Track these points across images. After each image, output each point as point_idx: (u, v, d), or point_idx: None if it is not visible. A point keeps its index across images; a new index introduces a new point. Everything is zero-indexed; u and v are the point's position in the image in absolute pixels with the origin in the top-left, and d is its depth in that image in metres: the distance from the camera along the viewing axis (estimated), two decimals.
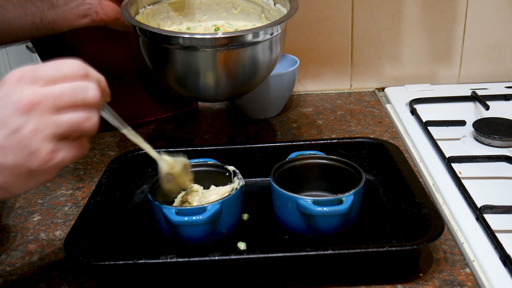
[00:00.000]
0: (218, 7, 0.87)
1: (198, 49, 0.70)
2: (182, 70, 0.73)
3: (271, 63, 0.77)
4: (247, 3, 0.86)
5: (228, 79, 0.74)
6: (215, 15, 0.88)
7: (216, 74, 0.73)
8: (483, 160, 0.78)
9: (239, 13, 0.87)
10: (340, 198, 0.63)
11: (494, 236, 0.62)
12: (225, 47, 0.70)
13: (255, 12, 0.86)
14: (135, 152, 0.80)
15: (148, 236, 0.68)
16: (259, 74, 0.76)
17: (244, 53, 0.72)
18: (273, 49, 0.75)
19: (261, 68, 0.75)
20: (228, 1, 0.87)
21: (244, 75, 0.74)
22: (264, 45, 0.73)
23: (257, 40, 0.71)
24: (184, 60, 0.72)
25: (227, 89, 0.76)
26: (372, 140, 0.80)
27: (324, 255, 0.56)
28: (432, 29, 1.08)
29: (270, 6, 0.83)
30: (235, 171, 0.71)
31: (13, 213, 0.76)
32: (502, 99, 1.00)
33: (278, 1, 0.82)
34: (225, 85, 0.75)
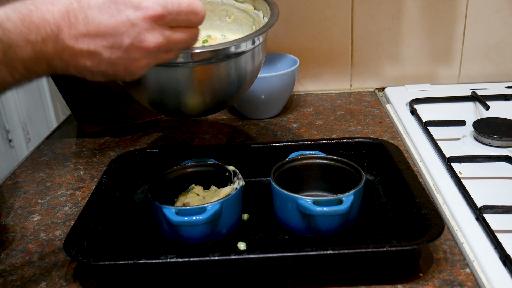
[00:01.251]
0: (212, 13, 0.85)
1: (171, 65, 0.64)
2: (154, 89, 0.67)
3: (247, 76, 0.71)
4: (240, 13, 0.83)
5: (205, 95, 0.69)
6: (209, 22, 0.85)
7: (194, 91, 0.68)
8: (483, 160, 0.78)
9: (232, 22, 0.84)
10: (340, 198, 0.63)
11: (494, 236, 0.62)
12: (201, 62, 0.65)
13: (247, 23, 0.83)
14: (135, 152, 0.80)
15: (148, 236, 0.68)
16: (239, 87, 0.71)
17: (221, 67, 0.67)
18: (255, 59, 0.71)
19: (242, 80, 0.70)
20: (222, 9, 0.84)
21: (222, 90, 0.69)
22: (244, 57, 0.68)
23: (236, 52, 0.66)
24: (155, 77, 0.66)
25: (204, 106, 0.71)
26: (372, 140, 0.80)
27: (324, 255, 0.56)
28: (432, 29, 1.08)
29: (259, 18, 0.79)
30: (235, 171, 0.71)
31: (13, 213, 0.76)
32: (502, 99, 1.00)
33: (265, 14, 0.77)
34: (202, 101, 0.70)
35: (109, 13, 0.50)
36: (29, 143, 2.28)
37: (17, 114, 2.24)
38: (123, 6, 0.51)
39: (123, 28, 0.51)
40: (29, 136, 2.29)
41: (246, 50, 0.68)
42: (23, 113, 2.25)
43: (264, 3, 0.77)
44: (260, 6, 0.79)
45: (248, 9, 0.82)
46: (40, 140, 1.01)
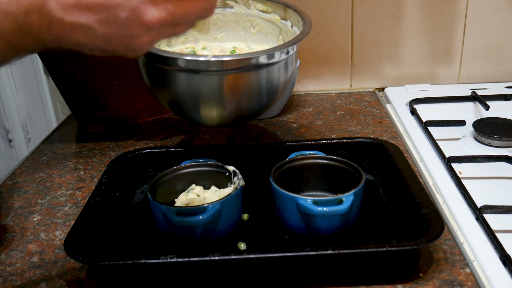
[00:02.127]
0: (236, 24, 0.83)
1: (198, 72, 0.65)
2: (180, 94, 0.68)
3: (278, 86, 0.71)
4: (266, 23, 0.82)
5: (233, 104, 0.69)
6: (232, 33, 0.84)
7: (222, 99, 0.68)
8: (483, 160, 0.78)
9: (257, 32, 0.83)
10: (340, 198, 0.63)
11: (494, 236, 0.62)
12: (232, 70, 0.65)
13: (273, 33, 0.82)
14: (135, 152, 0.80)
15: (148, 236, 0.68)
16: (266, 96, 0.71)
17: (251, 77, 0.66)
18: (280, 73, 0.70)
19: (269, 91, 0.70)
20: (247, 19, 0.83)
21: (252, 100, 0.69)
22: (270, 68, 0.68)
23: (268, 62, 0.66)
24: (180, 83, 0.67)
25: (228, 115, 0.71)
26: (372, 140, 0.80)
27: (324, 255, 0.56)
28: (432, 29, 1.08)
29: (287, 28, 0.79)
30: (235, 171, 0.71)
31: (13, 213, 0.76)
32: (502, 99, 1.00)
33: (294, 23, 0.77)
34: (230, 111, 0.69)
35: None
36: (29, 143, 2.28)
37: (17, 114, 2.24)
38: None
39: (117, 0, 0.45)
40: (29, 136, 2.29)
41: (279, 60, 0.68)
42: (23, 113, 2.25)
43: (294, 13, 0.76)
44: (289, 16, 0.78)
45: (274, 19, 0.81)
46: (40, 140, 1.01)
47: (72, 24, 0.45)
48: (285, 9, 0.79)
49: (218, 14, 0.83)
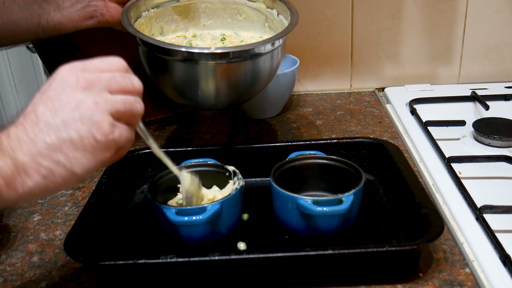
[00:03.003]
0: (223, 12, 0.87)
1: (197, 62, 0.70)
2: (181, 81, 0.73)
3: (271, 72, 0.77)
4: (252, 11, 0.85)
5: (227, 90, 0.74)
6: (220, 20, 0.87)
7: (216, 86, 0.73)
8: (483, 160, 0.78)
9: (243, 19, 0.86)
10: (340, 198, 0.63)
11: (494, 236, 0.62)
12: (226, 59, 0.70)
13: (259, 20, 0.85)
14: (135, 152, 0.80)
15: (148, 236, 0.68)
16: (260, 84, 0.77)
17: (244, 66, 0.72)
18: (274, 60, 0.76)
19: (262, 78, 0.76)
20: (233, 7, 0.86)
21: (244, 86, 0.75)
22: (265, 57, 0.73)
23: (257, 53, 0.71)
24: (183, 71, 0.72)
25: (226, 99, 0.76)
26: (372, 140, 0.80)
27: (324, 255, 0.57)
28: (432, 29, 1.08)
29: (273, 16, 0.83)
30: (235, 171, 0.71)
31: (13, 213, 0.76)
32: (502, 99, 1.00)
33: (280, 12, 0.81)
34: (225, 95, 0.75)
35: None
36: None
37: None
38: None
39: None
40: None
41: (269, 51, 0.73)
42: None
43: (282, 4, 0.80)
44: (276, 5, 0.82)
45: (260, 7, 0.84)
46: None
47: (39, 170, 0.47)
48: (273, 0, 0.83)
49: (206, 2, 0.87)
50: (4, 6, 0.75)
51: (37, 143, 0.47)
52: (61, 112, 0.47)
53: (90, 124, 0.48)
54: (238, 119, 1.02)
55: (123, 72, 0.52)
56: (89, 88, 0.49)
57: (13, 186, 0.46)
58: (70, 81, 0.49)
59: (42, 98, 0.49)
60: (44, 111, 0.48)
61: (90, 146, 0.48)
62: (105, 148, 0.49)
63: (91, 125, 0.48)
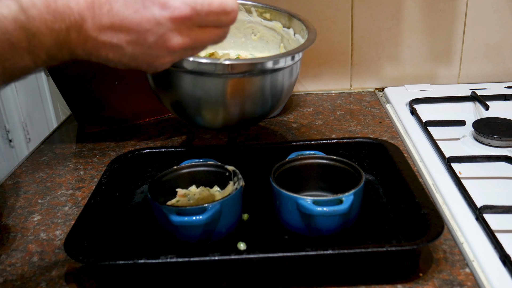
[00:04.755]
0: (237, 31, 0.84)
1: (207, 75, 0.65)
2: (187, 96, 0.68)
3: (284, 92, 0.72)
4: (267, 30, 0.82)
5: (234, 108, 0.69)
6: (233, 39, 0.85)
7: (224, 101, 0.68)
8: (483, 160, 0.78)
9: (258, 39, 0.83)
10: (340, 198, 0.63)
11: (494, 236, 0.62)
12: (240, 74, 0.65)
13: (274, 41, 0.82)
14: (135, 152, 0.80)
15: (148, 236, 0.68)
16: (272, 101, 0.71)
17: (254, 82, 0.67)
18: (290, 77, 0.71)
19: (276, 94, 0.70)
20: (248, 26, 0.83)
21: (253, 104, 0.69)
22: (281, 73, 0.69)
23: (275, 68, 0.67)
24: (190, 84, 0.67)
25: (233, 118, 0.71)
26: (372, 140, 0.80)
27: (324, 255, 0.57)
28: (432, 29, 1.08)
29: (289, 36, 0.80)
30: (235, 171, 0.71)
31: (13, 213, 0.76)
32: (502, 99, 1.00)
33: (297, 31, 0.78)
34: (233, 114, 0.70)
35: (135, 8, 0.49)
36: (29, 143, 2.28)
37: (17, 114, 2.24)
38: (150, 3, 0.50)
39: (147, 25, 0.50)
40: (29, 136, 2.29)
41: (285, 66, 0.68)
42: (23, 113, 2.25)
43: (299, 22, 0.77)
44: (293, 25, 0.79)
45: (276, 27, 0.81)
46: (40, 140, 1.01)
47: (105, 43, 0.51)
48: (290, 18, 0.80)
49: None
50: None
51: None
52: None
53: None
54: None
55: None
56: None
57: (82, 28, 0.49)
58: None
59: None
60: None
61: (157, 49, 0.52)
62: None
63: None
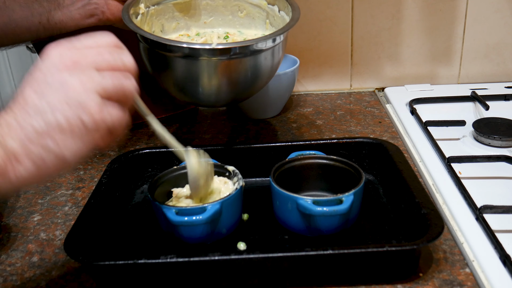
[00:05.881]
0: (224, 9, 0.87)
1: (198, 58, 0.70)
2: (182, 78, 0.73)
3: (272, 69, 0.77)
4: (253, 7, 0.85)
5: (229, 87, 0.74)
6: (221, 17, 0.87)
7: (217, 82, 0.73)
8: (483, 160, 0.78)
9: (244, 16, 0.86)
10: (340, 198, 0.63)
11: (494, 236, 0.62)
12: (227, 56, 0.70)
13: (260, 17, 0.85)
14: (135, 152, 0.80)
15: (148, 236, 0.68)
16: (261, 80, 0.77)
17: (245, 62, 0.72)
18: (275, 56, 0.76)
19: (263, 75, 0.76)
20: (234, 4, 0.86)
21: (245, 83, 0.75)
22: (266, 53, 0.73)
23: (259, 49, 0.71)
24: (184, 68, 0.72)
25: (227, 96, 0.76)
26: (372, 140, 0.80)
27: (324, 255, 0.57)
28: (432, 29, 1.08)
29: (274, 13, 0.83)
30: (235, 171, 0.71)
31: (13, 213, 0.76)
32: (502, 99, 1.00)
33: (282, 8, 0.81)
34: (226, 92, 0.75)
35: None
36: None
37: None
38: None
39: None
40: None
41: (271, 46, 0.73)
42: None
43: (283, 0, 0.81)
44: (277, 1, 0.82)
45: (261, 4, 0.84)
46: None
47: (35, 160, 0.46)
48: None
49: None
50: (5, 6, 0.75)
51: (25, 128, 0.45)
52: (47, 94, 0.46)
53: (76, 106, 0.46)
54: (238, 119, 1.02)
55: (112, 47, 0.50)
56: (74, 67, 0.47)
57: (6, 174, 0.45)
58: (55, 60, 0.47)
59: (29, 80, 0.47)
60: (31, 93, 0.46)
61: (78, 129, 0.46)
62: (95, 130, 0.47)
63: (77, 107, 0.46)
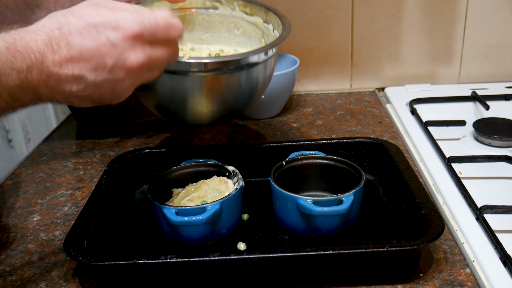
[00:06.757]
0: (220, 25, 0.84)
1: (187, 74, 0.66)
2: (166, 96, 0.70)
3: (262, 85, 0.74)
4: (249, 25, 0.83)
5: (217, 103, 0.71)
6: (217, 34, 0.85)
7: (206, 99, 0.70)
8: (483, 160, 0.78)
9: (241, 34, 0.84)
10: (340, 198, 0.63)
11: (494, 236, 0.62)
12: (214, 72, 0.67)
13: (256, 36, 0.83)
14: (135, 152, 0.80)
15: (148, 236, 0.68)
16: (250, 97, 0.73)
17: (234, 78, 0.69)
18: (267, 71, 0.73)
19: (252, 91, 0.72)
20: (231, 21, 0.84)
21: (234, 99, 0.71)
22: (256, 68, 0.70)
23: (249, 63, 0.68)
24: (171, 84, 0.68)
25: (215, 115, 0.72)
26: (372, 140, 0.80)
27: (324, 255, 0.57)
28: (432, 29, 1.08)
29: (269, 31, 0.80)
30: (235, 171, 0.71)
31: (13, 213, 0.76)
32: (502, 99, 1.00)
33: (275, 27, 0.79)
34: (213, 110, 0.71)
35: (90, 37, 0.52)
36: (29, 143, 2.28)
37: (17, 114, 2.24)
38: (103, 28, 0.52)
39: (104, 50, 0.52)
40: (29, 136, 2.29)
41: (258, 62, 0.70)
42: (23, 113, 2.25)
43: (275, 17, 0.78)
44: (271, 20, 0.79)
45: (257, 22, 0.82)
46: (40, 140, 1.01)
47: (67, 76, 0.51)
48: (266, 12, 0.80)
49: (204, 14, 0.84)
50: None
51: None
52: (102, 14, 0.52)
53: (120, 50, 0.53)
54: (238, 119, 1.02)
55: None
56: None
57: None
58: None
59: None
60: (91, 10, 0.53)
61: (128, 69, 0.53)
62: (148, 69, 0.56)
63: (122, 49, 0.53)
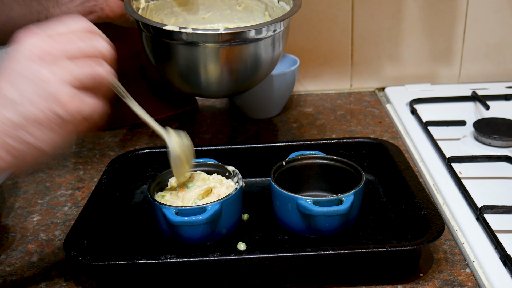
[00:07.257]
0: (222, 3, 0.87)
1: (200, 45, 0.70)
2: (185, 66, 0.73)
3: (273, 60, 0.77)
4: (251, 0, 0.85)
5: (230, 75, 0.74)
6: (219, 11, 0.87)
7: (219, 70, 0.73)
8: (483, 160, 0.78)
9: (243, 10, 0.86)
10: (340, 198, 0.63)
11: (495, 236, 0.62)
12: (228, 43, 0.70)
13: (258, 9, 0.85)
14: (135, 152, 0.80)
15: (148, 236, 0.68)
16: (261, 70, 0.77)
17: (246, 50, 0.72)
18: (276, 46, 0.75)
19: (264, 64, 0.76)
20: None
21: (246, 71, 0.75)
22: (266, 41, 0.73)
23: (260, 37, 0.71)
24: (187, 55, 0.72)
25: (229, 85, 0.76)
26: (372, 140, 0.80)
27: (324, 255, 0.56)
28: (432, 29, 1.08)
29: (273, 4, 0.82)
30: (235, 171, 0.71)
31: (13, 213, 0.76)
32: (503, 99, 1.00)
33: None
34: (227, 81, 0.75)
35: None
36: None
37: None
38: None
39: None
40: None
41: (267, 36, 0.72)
42: None
43: None
44: None
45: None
46: None
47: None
48: None
49: None
50: (3, 4, 0.75)
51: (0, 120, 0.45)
52: (20, 85, 0.45)
53: (48, 98, 0.45)
54: (238, 119, 1.02)
55: (85, 33, 0.48)
56: (45, 57, 0.45)
57: None
58: (26, 50, 0.46)
59: (2, 70, 0.46)
60: (4, 84, 0.45)
61: (52, 121, 0.45)
62: (69, 121, 0.46)
63: (49, 99, 0.45)
